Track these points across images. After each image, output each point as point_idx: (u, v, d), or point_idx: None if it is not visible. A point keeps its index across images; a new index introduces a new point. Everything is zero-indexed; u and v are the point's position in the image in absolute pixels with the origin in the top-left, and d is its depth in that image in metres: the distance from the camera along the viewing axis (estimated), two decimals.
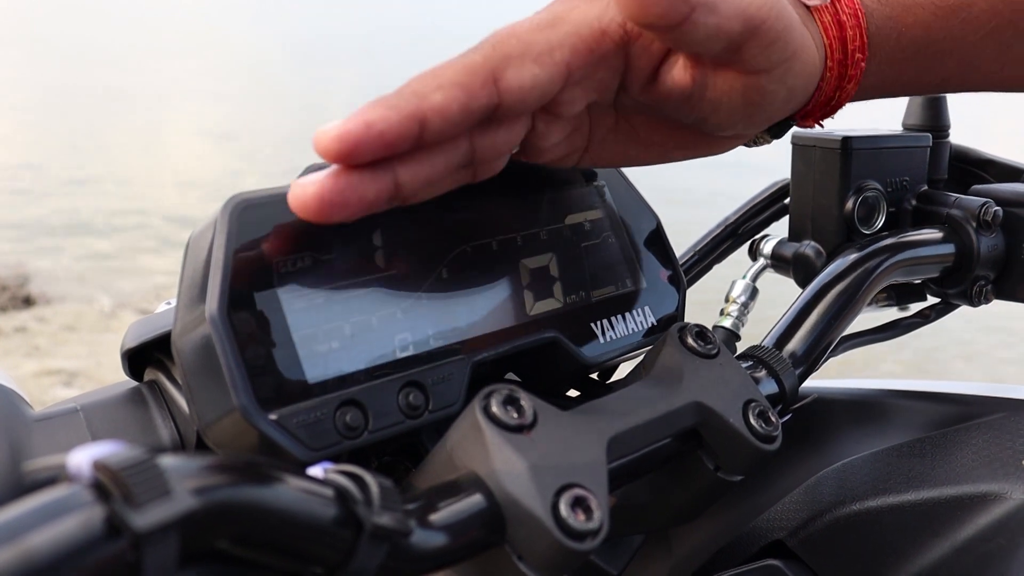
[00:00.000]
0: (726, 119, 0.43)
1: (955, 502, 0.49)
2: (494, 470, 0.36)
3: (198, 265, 0.40)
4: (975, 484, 0.49)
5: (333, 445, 0.40)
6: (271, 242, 0.41)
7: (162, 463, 0.25)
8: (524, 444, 0.36)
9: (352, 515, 0.30)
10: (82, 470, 0.24)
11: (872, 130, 0.66)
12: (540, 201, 0.50)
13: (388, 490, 0.32)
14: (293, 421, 0.39)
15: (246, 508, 0.27)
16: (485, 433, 0.36)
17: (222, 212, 0.40)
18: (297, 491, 0.29)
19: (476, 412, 0.37)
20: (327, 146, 0.33)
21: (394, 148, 0.34)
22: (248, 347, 0.39)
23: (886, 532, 0.50)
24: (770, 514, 0.54)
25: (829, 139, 0.63)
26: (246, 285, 0.39)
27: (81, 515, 0.23)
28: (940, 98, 0.70)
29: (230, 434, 0.39)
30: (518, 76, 0.37)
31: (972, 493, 0.49)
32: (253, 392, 0.38)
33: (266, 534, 0.28)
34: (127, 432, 0.43)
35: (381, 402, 0.41)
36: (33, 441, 0.40)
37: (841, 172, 0.62)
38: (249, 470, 0.28)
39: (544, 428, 0.37)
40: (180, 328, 0.40)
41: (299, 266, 0.41)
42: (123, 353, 0.46)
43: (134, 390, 0.45)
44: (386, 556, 0.31)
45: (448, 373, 0.44)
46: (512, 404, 0.37)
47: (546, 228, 0.50)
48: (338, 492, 0.31)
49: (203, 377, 0.39)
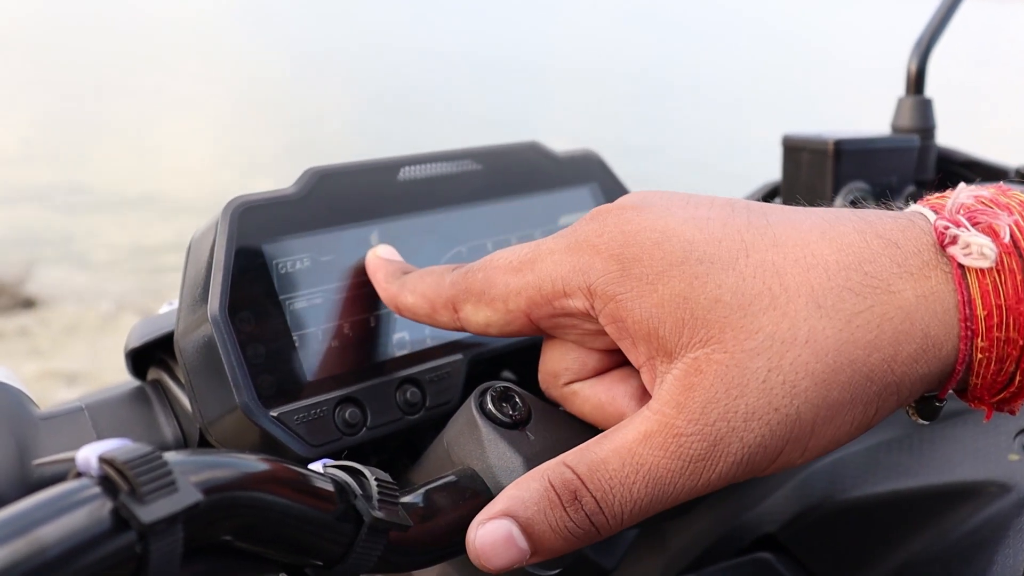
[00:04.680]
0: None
1: (944, 495, 0.50)
2: (490, 465, 0.37)
3: (200, 266, 0.41)
4: (963, 477, 0.50)
5: (333, 442, 0.40)
6: (271, 243, 0.42)
7: (168, 458, 0.26)
8: (519, 440, 0.37)
9: (352, 509, 0.31)
10: (90, 465, 0.25)
11: (861, 132, 0.67)
12: (534, 203, 0.51)
13: (387, 485, 0.32)
14: (294, 418, 0.40)
15: (249, 502, 0.28)
16: (481, 429, 0.37)
17: (223, 214, 0.41)
18: (298, 486, 0.30)
19: (472, 409, 0.38)
20: (367, 259, 0.44)
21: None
22: (249, 346, 0.40)
23: (876, 525, 0.51)
24: (762, 508, 0.55)
25: (818, 141, 0.64)
26: (247, 285, 0.40)
27: (90, 509, 0.24)
28: (927, 100, 0.71)
29: (232, 431, 0.40)
30: (473, 314, 0.38)
31: (960, 486, 0.50)
32: (255, 390, 0.39)
33: (268, 528, 0.29)
34: (131, 430, 0.44)
35: (379, 399, 0.42)
36: (39, 439, 0.41)
37: (831, 173, 0.63)
38: (252, 465, 0.29)
39: (538, 424, 0.38)
40: (183, 328, 0.41)
41: (299, 267, 0.42)
42: (127, 353, 0.46)
43: (138, 389, 0.46)
44: (385, 549, 0.32)
45: (445, 371, 0.45)
46: (507, 401, 0.38)
47: (540, 229, 0.51)
48: (338, 487, 0.32)
49: (205, 376, 0.40)
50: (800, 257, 0.32)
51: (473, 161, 0.50)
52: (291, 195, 0.43)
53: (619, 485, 0.33)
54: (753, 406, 0.31)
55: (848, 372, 0.31)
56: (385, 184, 0.46)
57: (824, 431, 0.32)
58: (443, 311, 0.39)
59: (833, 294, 0.32)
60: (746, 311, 0.32)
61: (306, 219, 0.43)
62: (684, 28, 24.29)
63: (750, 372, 0.31)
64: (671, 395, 0.33)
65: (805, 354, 0.31)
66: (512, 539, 0.33)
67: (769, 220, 0.34)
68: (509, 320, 0.37)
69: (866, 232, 0.33)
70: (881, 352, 0.31)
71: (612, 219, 0.35)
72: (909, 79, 0.72)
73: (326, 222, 0.44)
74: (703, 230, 0.33)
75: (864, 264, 0.32)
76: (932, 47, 0.72)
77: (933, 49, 0.73)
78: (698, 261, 0.33)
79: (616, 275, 0.34)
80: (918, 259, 0.32)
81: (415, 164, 0.48)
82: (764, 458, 0.32)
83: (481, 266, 0.38)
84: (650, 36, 20.98)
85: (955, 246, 0.32)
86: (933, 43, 0.72)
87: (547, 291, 0.35)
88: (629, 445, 0.33)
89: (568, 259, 0.35)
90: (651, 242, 0.33)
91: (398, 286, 0.41)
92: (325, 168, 0.45)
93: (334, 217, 0.44)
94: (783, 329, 0.31)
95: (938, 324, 0.32)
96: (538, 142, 0.53)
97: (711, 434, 0.32)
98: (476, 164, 0.50)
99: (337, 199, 0.44)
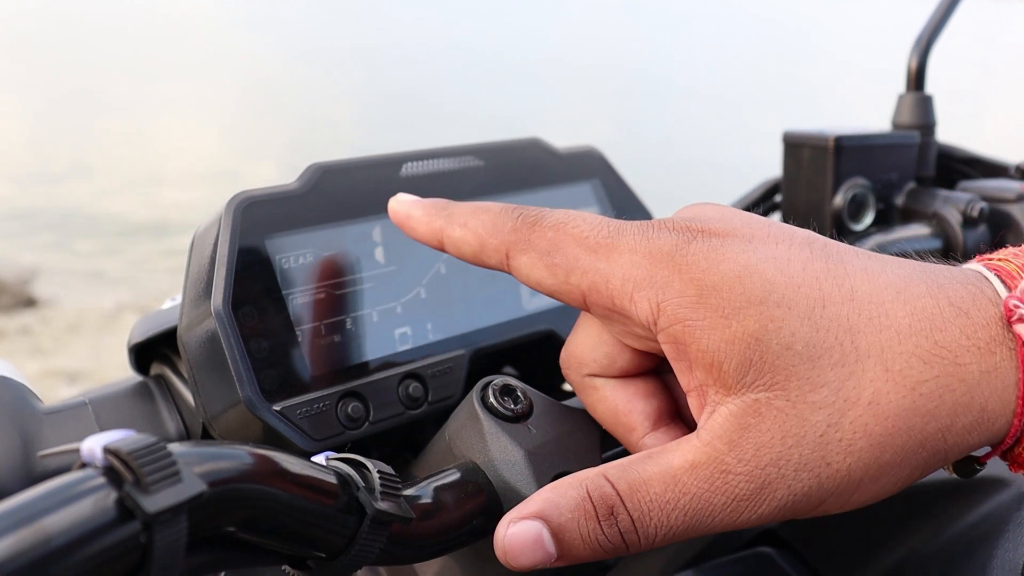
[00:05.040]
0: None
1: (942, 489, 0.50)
2: (491, 459, 0.37)
3: (203, 261, 0.41)
4: None
5: (335, 436, 0.41)
6: (274, 239, 0.42)
7: (172, 449, 0.26)
8: (520, 433, 0.37)
9: (354, 501, 0.31)
10: (95, 456, 0.25)
11: (861, 128, 0.67)
12: (536, 199, 0.51)
13: (389, 477, 0.32)
14: (296, 412, 0.40)
15: (252, 494, 0.28)
16: (483, 423, 0.37)
17: (226, 209, 0.41)
18: (301, 478, 0.30)
19: (474, 402, 0.38)
20: (393, 208, 0.40)
21: (424, 243, 0.39)
22: (252, 341, 0.40)
23: (876, 519, 0.51)
24: None
25: (820, 137, 0.64)
26: (250, 281, 0.40)
27: (95, 499, 0.24)
28: (927, 96, 0.71)
29: (235, 425, 0.40)
30: (528, 267, 0.36)
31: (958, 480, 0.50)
32: (258, 385, 0.39)
33: (271, 519, 0.29)
34: (134, 425, 0.44)
35: (382, 394, 0.43)
36: (43, 433, 0.41)
37: (831, 169, 0.63)
38: (256, 457, 0.29)
39: (540, 418, 0.39)
40: (186, 323, 0.41)
41: (302, 262, 0.42)
42: (130, 348, 0.47)
43: (141, 384, 0.46)
44: (387, 542, 0.32)
45: (447, 365, 0.45)
46: (509, 395, 0.38)
47: None
48: (341, 479, 0.32)
49: (209, 370, 0.40)
50: (874, 317, 0.32)
51: (475, 157, 0.50)
52: (294, 191, 0.43)
53: (658, 509, 0.33)
54: (807, 458, 0.32)
55: (904, 437, 0.32)
56: (388, 180, 0.47)
57: (869, 488, 0.32)
58: (493, 253, 0.37)
59: (902, 360, 0.32)
60: (815, 363, 0.32)
61: (309, 215, 0.43)
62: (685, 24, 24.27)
63: (809, 424, 0.31)
64: (724, 431, 0.32)
65: (866, 415, 0.31)
66: (541, 541, 0.33)
67: (847, 269, 0.33)
68: (564, 290, 0.36)
69: (939, 297, 0.33)
70: (938, 422, 0.32)
71: (696, 240, 0.34)
72: (909, 75, 0.72)
73: (329, 218, 0.44)
74: (783, 271, 0.33)
75: (935, 332, 0.32)
76: (933, 44, 0.72)
77: (934, 46, 0.73)
78: (776, 304, 0.32)
79: (692, 300, 0.33)
80: (986, 333, 0.32)
81: (417, 160, 0.48)
82: (807, 506, 0.33)
83: (553, 224, 0.36)
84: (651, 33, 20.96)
85: (1022, 324, 0.32)
86: (934, 40, 0.72)
87: (615, 287, 0.34)
88: (675, 472, 0.33)
89: (646, 266, 0.34)
90: (732, 275, 0.33)
91: (444, 218, 0.38)
92: (328, 164, 0.45)
93: (337, 213, 0.44)
94: (848, 387, 0.31)
95: (997, 399, 0.32)
96: (540, 138, 0.53)
97: (760, 477, 0.32)
98: (478, 160, 0.50)
99: (340, 195, 0.45)
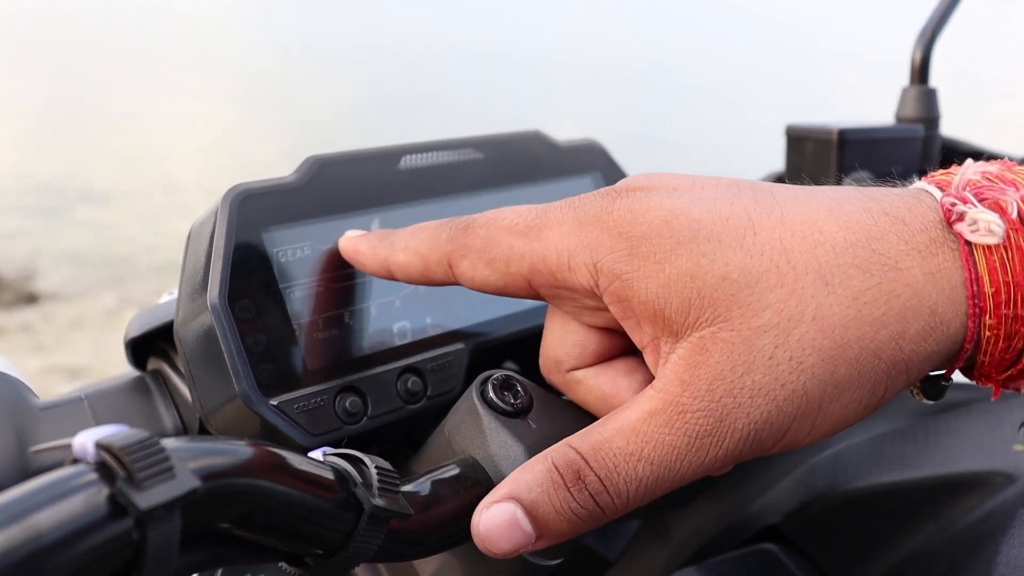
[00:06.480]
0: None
1: (948, 486, 0.50)
2: (491, 454, 0.36)
3: (199, 255, 0.41)
4: (967, 468, 0.50)
5: (333, 430, 0.40)
6: (271, 231, 0.41)
7: (165, 444, 0.26)
8: (520, 428, 0.37)
9: (352, 497, 0.31)
10: (87, 451, 0.25)
11: (865, 122, 0.67)
12: (536, 192, 0.51)
13: (387, 473, 0.32)
14: (294, 407, 0.39)
15: (248, 489, 0.28)
16: (482, 418, 0.37)
17: (223, 202, 0.41)
18: (298, 473, 0.30)
19: (473, 397, 0.37)
20: (342, 246, 0.43)
21: (375, 275, 0.42)
22: (249, 335, 0.39)
23: (880, 516, 0.51)
24: (765, 499, 0.55)
25: (822, 131, 0.63)
26: (247, 274, 0.40)
27: (86, 495, 0.24)
28: (931, 90, 0.70)
29: (232, 420, 0.39)
30: (471, 271, 0.37)
31: (965, 477, 0.50)
32: (254, 379, 0.39)
33: (267, 515, 0.29)
34: (131, 420, 0.44)
35: (380, 388, 0.42)
36: (39, 429, 0.41)
37: (834, 163, 0.62)
38: (251, 452, 0.29)
39: (540, 413, 0.38)
40: (182, 317, 0.41)
41: (299, 255, 0.42)
42: (126, 343, 0.46)
43: (137, 379, 0.46)
44: (385, 538, 0.31)
45: (446, 359, 0.45)
46: (509, 389, 0.38)
47: None
48: (338, 475, 0.31)
49: (205, 365, 0.39)
50: (807, 234, 0.32)
51: (475, 150, 0.49)
52: (291, 183, 0.43)
53: (623, 463, 0.33)
54: (760, 382, 0.31)
55: (855, 349, 0.31)
56: (386, 172, 0.46)
57: (831, 408, 0.32)
58: (438, 268, 0.38)
59: (840, 271, 0.31)
60: (753, 289, 0.31)
61: (306, 207, 0.43)
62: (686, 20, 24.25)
63: (757, 349, 0.31)
64: (676, 374, 0.32)
65: (812, 331, 0.31)
66: (516, 522, 0.33)
67: (776, 198, 0.34)
68: (508, 282, 0.36)
69: (873, 210, 0.33)
70: (888, 329, 0.31)
71: (621, 197, 0.35)
72: (913, 68, 0.72)
73: (327, 210, 0.43)
74: (710, 209, 0.33)
75: (871, 241, 0.32)
76: (936, 36, 0.72)
77: (937, 38, 0.72)
78: (705, 239, 0.32)
79: (623, 253, 0.33)
80: (925, 236, 0.32)
81: (416, 152, 0.47)
82: (770, 435, 0.32)
83: (484, 223, 0.37)
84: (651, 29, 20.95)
85: (962, 223, 0.32)
86: (937, 32, 0.72)
87: (552, 262, 0.35)
88: (633, 424, 0.33)
89: (576, 233, 0.34)
90: (659, 220, 0.33)
91: (387, 247, 0.40)
92: (326, 156, 0.45)
93: (335, 205, 0.44)
94: (790, 306, 0.31)
95: (946, 301, 0.32)
96: (540, 131, 0.53)
97: (717, 410, 0.32)
98: (478, 153, 0.50)
99: (338, 187, 0.44)
